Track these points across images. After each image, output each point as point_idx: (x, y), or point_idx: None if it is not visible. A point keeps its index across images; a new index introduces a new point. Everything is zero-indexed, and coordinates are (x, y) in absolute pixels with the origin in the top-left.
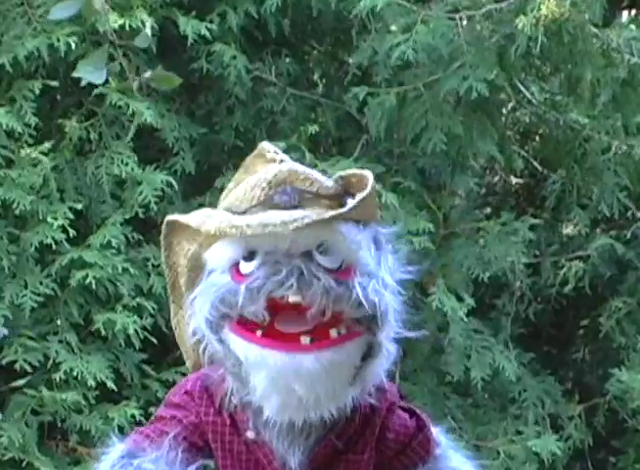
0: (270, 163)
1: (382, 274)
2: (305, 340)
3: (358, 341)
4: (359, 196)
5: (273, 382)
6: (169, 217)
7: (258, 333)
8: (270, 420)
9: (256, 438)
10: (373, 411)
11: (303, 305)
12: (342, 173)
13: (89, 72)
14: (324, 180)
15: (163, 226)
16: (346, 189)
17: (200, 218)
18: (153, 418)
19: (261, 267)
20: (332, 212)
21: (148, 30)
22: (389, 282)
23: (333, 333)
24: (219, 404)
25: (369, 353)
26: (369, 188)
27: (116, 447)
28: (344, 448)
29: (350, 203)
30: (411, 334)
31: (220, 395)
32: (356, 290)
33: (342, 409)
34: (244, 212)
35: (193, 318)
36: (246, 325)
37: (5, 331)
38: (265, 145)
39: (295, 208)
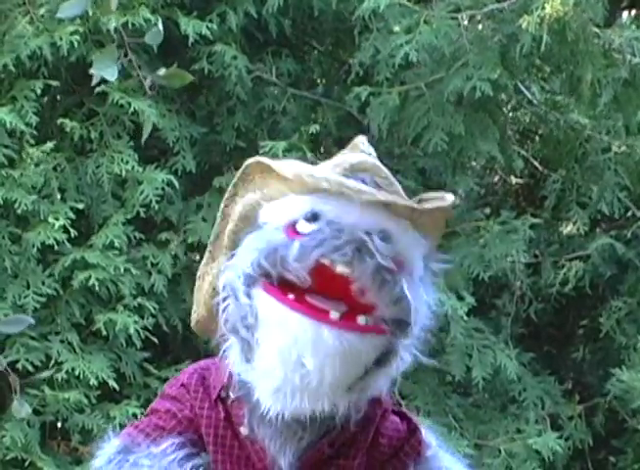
0: (360, 151)
1: (422, 289)
2: (335, 314)
3: (380, 338)
4: (437, 203)
5: (285, 350)
6: (251, 159)
7: (290, 296)
8: (263, 416)
9: (250, 434)
10: (367, 418)
11: (348, 279)
12: (423, 196)
13: (102, 69)
14: (400, 190)
15: (239, 171)
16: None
17: (281, 163)
18: (148, 410)
19: (320, 231)
20: (407, 202)
21: (160, 27)
22: (426, 299)
23: (361, 320)
24: (215, 397)
25: (383, 358)
26: (448, 202)
27: (111, 443)
28: (336, 454)
29: (432, 204)
30: (424, 358)
31: (217, 387)
32: (401, 284)
33: (332, 412)
34: None
35: (227, 271)
36: (279, 288)
37: (31, 320)
38: (362, 139)
39: None
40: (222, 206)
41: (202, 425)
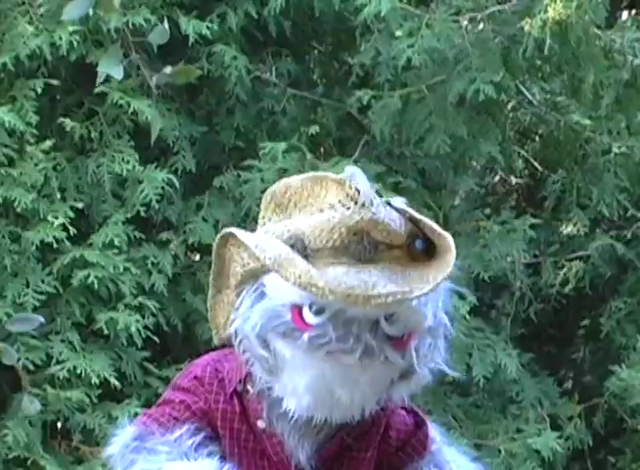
0: (346, 196)
1: (437, 320)
2: (355, 357)
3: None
4: (441, 275)
5: (313, 384)
6: (232, 233)
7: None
8: (287, 413)
9: (267, 428)
10: (380, 411)
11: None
12: (411, 214)
13: (109, 68)
14: (398, 226)
15: (219, 238)
16: (414, 232)
17: (275, 255)
18: (160, 400)
19: (328, 324)
20: (417, 293)
21: (166, 26)
22: (443, 323)
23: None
24: (231, 391)
25: (404, 374)
26: (451, 265)
27: (126, 430)
28: (351, 447)
29: (433, 280)
30: (448, 371)
31: (233, 381)
32: (411, 356)
33: (363, 413)
34: (315, 251)
35: (237, 321)
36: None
37: (41, 319)
38: (349, 179)
39: (367, 261)
40: (215, 248)
41: (217, 418)
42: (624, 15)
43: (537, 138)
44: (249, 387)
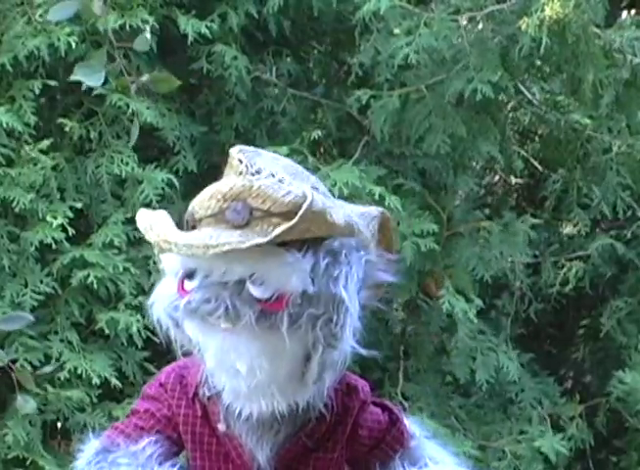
0: (235, 172)
1: (329, 294)
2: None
3: (297, 334)
4: (285, 225)
5: (219, 362)
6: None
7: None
8: (237, 413)
9: (227, 431)
10: (345, 411)
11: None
12: (314, 201)
13: (87, 75)
14: (280, 195)
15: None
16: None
17: (148, 223)
18: (129, 411)
19: (199, 290)
20: (251, 242)
21: (147, 34)
22: (343, 300)
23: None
24: (192, 396)
25: (310, 353)
26: (296, 218)
27: (91, 444)
28: (315, 447)
29: (277, 230)
30: (363, 351)
31: (195, 385)
32: (283, 324)
33: (294, 408)
34: (199, 221)
35: (154, 306)
36: None
37: (31, 317)
38: (234, 152)
39: (241, 227)
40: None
41: (179, 423)
42: (624, 14)
43: (537, 138)
44: (205, 390)
